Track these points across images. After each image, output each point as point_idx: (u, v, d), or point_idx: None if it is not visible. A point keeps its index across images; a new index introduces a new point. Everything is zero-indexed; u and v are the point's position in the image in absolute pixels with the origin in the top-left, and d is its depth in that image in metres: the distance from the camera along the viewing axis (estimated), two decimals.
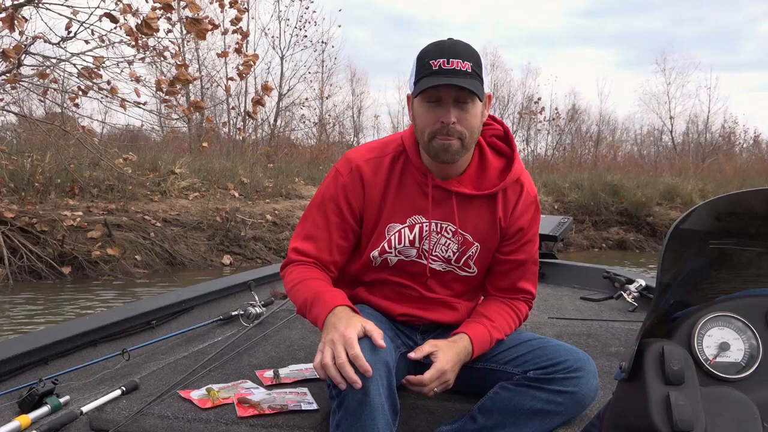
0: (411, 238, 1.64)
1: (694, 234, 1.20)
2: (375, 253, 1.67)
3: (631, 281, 3.17)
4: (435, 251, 1.66)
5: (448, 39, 1.52)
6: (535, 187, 1.71)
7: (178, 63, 7.07)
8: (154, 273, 8.02)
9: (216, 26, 8.56)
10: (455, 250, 1.66)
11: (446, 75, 1.45)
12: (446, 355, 1.52)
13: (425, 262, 1.66)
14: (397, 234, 1.65)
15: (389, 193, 1.64)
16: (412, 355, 1.52)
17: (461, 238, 1.64)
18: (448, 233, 1.65)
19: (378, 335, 1.37)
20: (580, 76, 44.16)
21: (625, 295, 3.07)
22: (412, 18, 37.06)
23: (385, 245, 1.66)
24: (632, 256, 11.88)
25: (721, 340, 1.15)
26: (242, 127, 15.21)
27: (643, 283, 3.10)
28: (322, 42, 18.44)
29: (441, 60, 1.46)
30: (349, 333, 1.35)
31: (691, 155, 23.17)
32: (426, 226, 1.63)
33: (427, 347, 1.53)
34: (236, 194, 10.37)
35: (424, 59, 1.49)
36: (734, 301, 1.19)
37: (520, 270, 1.70)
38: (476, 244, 1.66)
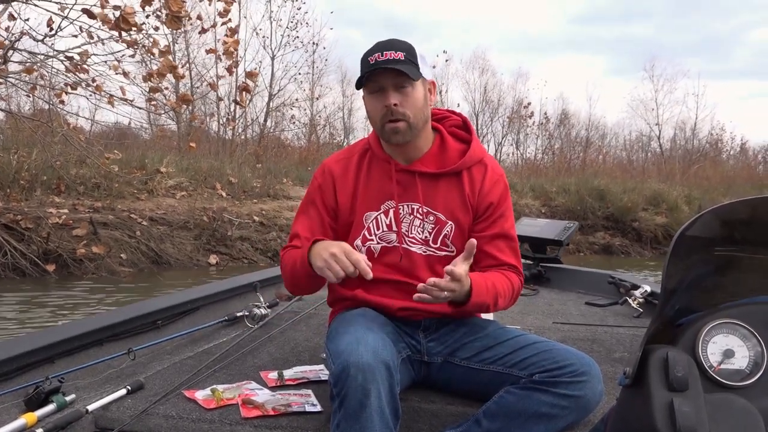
0: (387, 222, 1.77)
1: (699, 240, 1.21)
2: (358, 242, 1.78)
3: (636, 287, 3.16)
4: (411, 233, 1.76)
5: (386, 39, 1.70)
6: (501, 168, 1.84)
7: (161, 50, 6.92)
8: (139, 272, 7.97)
9: (205, 30, 8.53)
10: (430, 230, 1.75)
11: (380, 65, 1.64)
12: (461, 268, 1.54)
13: (405, 245, 1.76)
14: (374, 221, 1.78)
15: (360, 185, 1.79)
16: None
17: (433, 217, 1.75)
18: (420, 214, 1.75)
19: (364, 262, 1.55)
20: (570, 82, 44.42)
21: (630, 300, 3.07)
22: (408, 21, 37.06)
23: (365, 233, 1.78)
24: (617, 261, 11.95)
25: (726, 347, 1.16)
26: (232, 118, 15.05)
27: (649, 289, 3.10)
28: (314, 43, 18.40)
29: (376, 54, 1.66)
30: (345, 246, 1.57)
31: (678, 161, 23.33)
32: (399, 208, 1.75)
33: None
34: (224, 194, 10.31)
35: (364, 59, 1.69)
36: (739, 308, 1.21)
37: (497, 245, 1.77)
38: (450, 222, 1.76)
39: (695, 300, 1.26)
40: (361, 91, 1.75)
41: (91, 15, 6.16)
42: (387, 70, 1.64)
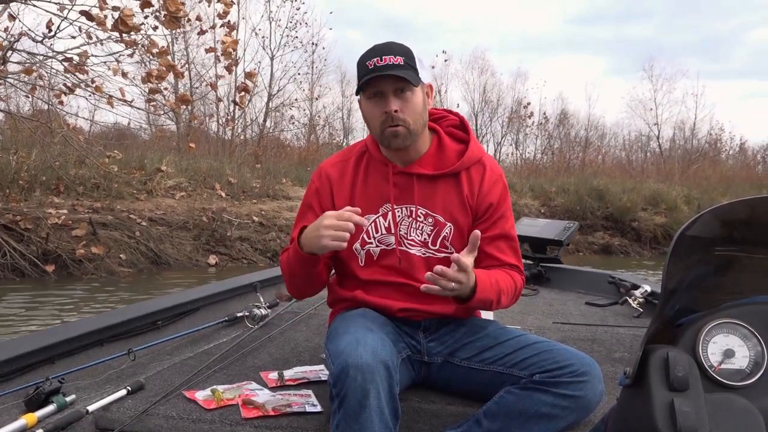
0: (386, 225, 1.76)
1: (699, 240, 1.21)
2: (357, 245, 1.77)
3: (636, 287, 3.16)
4: (410, 235, 1.75)
5: (384, 42, 1.68)
6: (500, 168, 1.83)
7: (159, 50, 6.91)
8: (139, 272, 7.96)
9: (204, 32, 8.54)
10: (429, 232, 1.74)
11: (380, 70, 1.62)
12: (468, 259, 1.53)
13: (403, 247, 1.75)
14: (373, 224, 1.76)
15: (357, 188, 1.79)
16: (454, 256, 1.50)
17: (432, 219, 1.74)
18: (419, 216, 1.74)
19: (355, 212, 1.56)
20: (569, 82, 44.34)
21: (630, 300, 3.07)
22: (408, 21, 37.01)
23: (364, 236, 1.76)
24: (617, 261, 11.95)
25: (726, 347, 1.17)
26: (232, 118, 15.04)
27: (649, 289, 3.10)
28: (313, 44, 18.40)
29: (375, 59, 1.64)
30: (330, 213, 1.57)
31: (677, 161, 23.35)
32: (396, 210, 1.74)
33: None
34: (223, 194, 10.31)
35: (362, 63, 1.67)
36: (739, 308, 1.21)
37: (498, 245, 1.76)
38: (449, 224, 1.75)
39: (695, 300, 1.26)
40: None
41: (89, 17, 6.17)
42: (387, 75, 1.62)
